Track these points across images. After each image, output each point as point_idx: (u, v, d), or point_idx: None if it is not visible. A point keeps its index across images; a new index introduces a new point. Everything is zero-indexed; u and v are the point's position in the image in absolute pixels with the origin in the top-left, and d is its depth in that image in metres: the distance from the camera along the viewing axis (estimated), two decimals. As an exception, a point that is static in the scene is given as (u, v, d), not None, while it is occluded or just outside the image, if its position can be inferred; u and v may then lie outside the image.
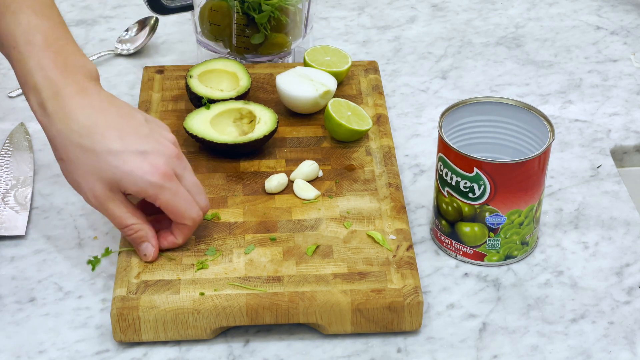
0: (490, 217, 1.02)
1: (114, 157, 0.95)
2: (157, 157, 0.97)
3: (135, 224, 0.99)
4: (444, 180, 1.03)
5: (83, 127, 0.96)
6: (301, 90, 1.18)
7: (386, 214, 1.07)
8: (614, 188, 1.17)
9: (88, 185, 0.97)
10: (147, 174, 0.96)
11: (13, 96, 1.30)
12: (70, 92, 0.97)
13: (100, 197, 0.97)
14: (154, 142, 0.98)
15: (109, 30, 1.44)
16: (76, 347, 0.97)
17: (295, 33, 1.32)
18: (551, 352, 0.97)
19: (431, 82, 1.34)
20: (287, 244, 1.03)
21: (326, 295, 0.97)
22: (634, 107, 1.30)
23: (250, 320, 0.97)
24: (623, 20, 1.48)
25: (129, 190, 0.97)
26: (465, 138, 1.08)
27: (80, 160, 0.96)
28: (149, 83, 1.26)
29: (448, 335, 0.99)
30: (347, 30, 1.45)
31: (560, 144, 1.23)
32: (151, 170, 0.96)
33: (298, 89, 1.18)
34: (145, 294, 0.97)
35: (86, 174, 0.96)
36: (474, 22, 1.47)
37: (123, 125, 0.97)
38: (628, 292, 1.03)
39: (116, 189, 0.97)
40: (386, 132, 1.18)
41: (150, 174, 0.96)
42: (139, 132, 0.98)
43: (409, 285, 0.98)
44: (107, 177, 0.96)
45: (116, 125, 0.97)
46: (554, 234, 1.10)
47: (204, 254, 1.02)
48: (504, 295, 1.03)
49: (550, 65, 1.38)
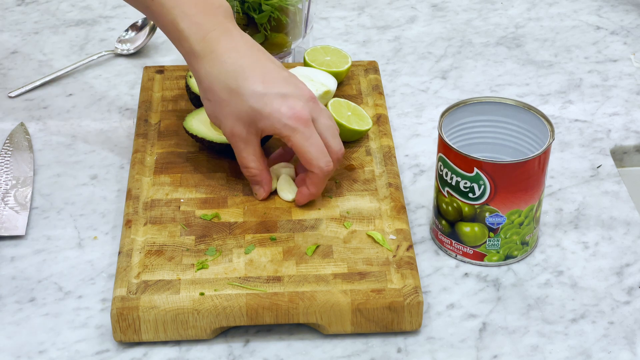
0: (490, 217, 1.02)
1: (256, 100, 1.02)
2: (296, 100, 1.03)
3: (256, 168, 1.06)
4: (444, 180, 1.03)
5: (230, 70, 1.03)
6: None
7: (386, 214, 1.07)
8: (614, 188, 1.17)
9: (229, 124, 1.04)
10: (284, 117, 1.02)
11: (13, 96, 1.30)
12: (216, 36, 1.04)
13: (237, 135, 1.05)
14: (292, 86, 1.04)
15: (109, 30, 1.44)
16: (76, 347, 0.97)
17: (295, 33, 1.32)
18: (551, 352, 0.97)
19: (431, 82, 1.34)
20: (287, 244, 1.03)
21: (326, 295, 0.97)
22: (634, 107, 1.30)
23: (250, 320, 0.97)
24: (623, 20, 1.48)
25: (266, 131, 1.04)
26: (465, 138, 1.08)
27: (225, 101, 1.03)
28: (149, 83, 1.26)
29: (448, 335, 0.99)
30: (347, 30, 1.45)
31: (560, 144, 1.23)
32: (288, 112, 1.02)
33: None
34: (145, 294, 0.97)
35: (229, 114, 1.04)
36: (474, 22, 1.47)
37: (265, 69, 1.04)
38: (628, 292, 1.03)
39: (253, 131, 1.04)
40: (386, 132, 1.18)
41: (287, 116, 1.02)
42: (280, 75, 1.04)
43: (409, 285, 0.98)
44: (248, 119, 1.03)
45: (260, 68, 1.03)
46: (554, 234, 1.10)
47: (204, 254, 1.02)
48: (504, 295, 1.03)
49: (550, 65, 1.38)
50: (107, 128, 1.25)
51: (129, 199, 1.08)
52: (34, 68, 1.36)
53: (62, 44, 1.41)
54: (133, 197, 1.08)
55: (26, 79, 1.33)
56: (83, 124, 1.25)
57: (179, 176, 1.12)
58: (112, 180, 1.16)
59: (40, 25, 1.45)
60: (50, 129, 1.24)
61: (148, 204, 1.08)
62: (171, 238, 1.04)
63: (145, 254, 1.01)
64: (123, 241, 1.03)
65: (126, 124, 1.25)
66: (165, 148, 1.16)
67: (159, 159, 1.14)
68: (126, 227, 1.04)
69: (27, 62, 1.37)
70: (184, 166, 1.13)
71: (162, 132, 1.18)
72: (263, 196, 1.07)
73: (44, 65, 1.36)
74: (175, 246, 1.03)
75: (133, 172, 1.11)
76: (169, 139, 1.17)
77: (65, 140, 1.22)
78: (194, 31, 1.04)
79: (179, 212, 1.07)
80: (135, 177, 1.11)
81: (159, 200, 1.08)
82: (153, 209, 1.07)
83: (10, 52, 1.39)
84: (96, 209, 1.12)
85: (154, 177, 1.11)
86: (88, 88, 1.32)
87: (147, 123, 1.19)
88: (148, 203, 1.08)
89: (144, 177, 1.11)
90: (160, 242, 1.03)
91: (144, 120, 1.20)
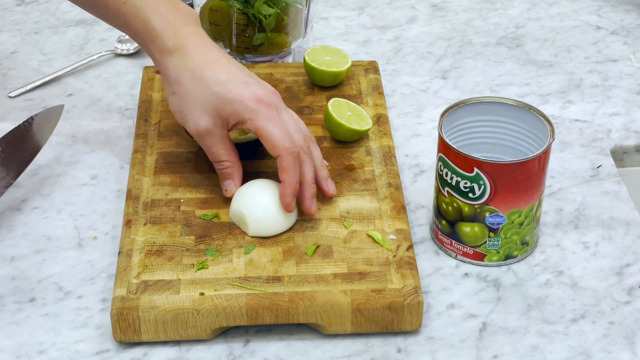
0: (490, 217, 1.02)
1: (220, 86, 1.04)
2: (259, 88, 1.05)
3: (227, 161, 1.07)
4: (444, 180, 1.03)
5: (197, 63, 1.05)
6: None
7: (386, 214, 1.07)
8: (614, 188, 1.17)
9: (194, 118, 1.05)
10: (246, 100, 1.04)
11: (13, 96, 1.30)
12: (187, 32, 1.07)
13: (203, 129, 1.05)
14: (257, 79, 1.07)
15: (109, 30, 1.44)
16: (76, 347, 0.97)
17: (295, 33, 1.32)
18: (551, 352, 0.97)
19: (431, 82, 1.34)
20: (287, 244, 1.03)
21: (326, 295, 0.97)
22: (634, 107, 1.30)
23: (250, 320, 0.97)
24: (623, 20, 1.48)
25: (230, 120, 1.05)
26: (465, 138, 1.08)
27: (190, 92, 1.05)
28: (149, 83, 1.26)
29: (448, 335, 0.99)
30: (347, 30, 1.45)
31: (560, 144, 1.23)
32: (250, 96, 1.04)
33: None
34: (145, 294, 0.97)
35: (194, 106, 1.05)
36: (474, 22, 1.47)
37: (230, 64, 1.07)
38: (628, 292, 1.03)
39: (219, 123, 1.05)
40: (386, 132, 1.18)
41: (249, 99, 1.04)
42: (244, 71, 1.07)
43: (409, 285, 0.98)
44: (212, 107, 1.04)
45: (226, 63, 1.07)
46: (554, 234, 1.10)
47: (204, 254, 1.02)
48: (504, 295, 1.03)
49: (551, 65, 1.38)
50: (107, 128, 1.25)
51: (129, 199, 1.08)
52: (34, 68, 1.36)
53: (62, 44, 1.41)
54: (133, 197, 1.08)
55: (26, 79, 1.33)
56: (83, 124, 1.25)
57: (179, 176, 1.12)
58: (112, 180, 1.16)
59: (40, 25, 1.45)
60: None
61: (148, 204, 1.08)
62: (171, 238, 1.04)
63: (145, 254, 1.01)
64: (123, 241, 1.03)
65: (126, 124, 1.25)
66: (165, 148, 1.16)
67: (159, 159, 1.14)
68: (126, 227, 1.04)
69: (27, 62, 1.37)
70: (184, 166, 1.13)
71: (162, 132, 1.18)
72: (234, 191, 1.07)
73: (44, 65, 1.36)
74: (175, 246, 1.03)
75: (133, 172, 1.11)
76: (169, 139, 1.17)
77: (65, 140, 1.22)
78: (165, 28, 1.06)
79: (179, 212, 1.07)
80: (135, 177, 1.11)
81: (159, 200, 1.08)
82: (153, 209, 1.07)
83: (10, 52, 1.39)
84: (96, 209, 1.12)
85: (154, 177, 1.11)
86: (88, 88, 1.32)
87: (147, 123, 1.19)
88: (148, 203, 1.08)
89: (144, 177, 1.11)
90: (160, 242, 1.03)
91: (144, 120, 1.20)
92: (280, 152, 1.03)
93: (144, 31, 1.07)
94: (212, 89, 1.04)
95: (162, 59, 1.07)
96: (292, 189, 1.03)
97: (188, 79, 1.05)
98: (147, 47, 1.08)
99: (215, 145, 1.06)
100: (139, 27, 1.07)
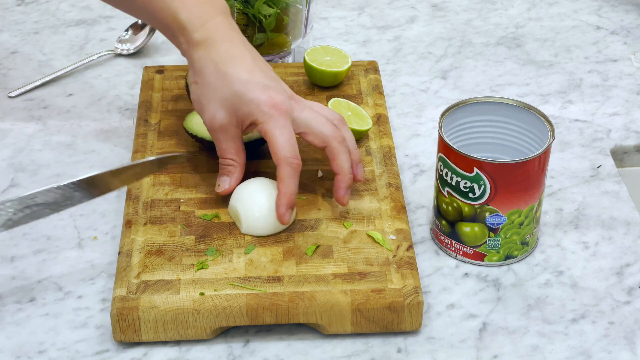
0: (490, 217, 1.02)
1: (241, 85, 1.04)
2: (277, 93, 1.05)
3: (233, 160, 1.07)
4: (444, 180, 1.03)
5: (222, 57, 1.05)
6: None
7: (386, 214, 1.07)
8: (614, 188, 1.17)
9: (211, 110, 1.05)
10: (262, 104, 1.03)
11: (13, 96, 1.30)
12: (215, 25, 1.07)
13: (217, 124, 1.05)
14: (277, 82, 1.06)
15: (109, 30, 1.44)
16: (76, 347, 0.97)
17: (295, 33, 1.32)
18: (551, 352, 0.97)
19: (431, 82, 1.34)
20: (287, 243, 1.03)
21: (326, 295, 0.97)
22: (634, 107, 1.30)
23: (250, 320, 0.97)
24: (623, 20, 1.48)
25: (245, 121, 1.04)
26: (465, 138, 1.08)
27: (212, 85, 1.05)
28: (149, 83, 1.26)
29: (448, 335, 0.99)
30: (347, 30, 1.45)
31: (560, 144, 1.23)
32: (267, 100, 1.03)
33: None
34: (145, 294, 0.97)
35: (213, 99, 1.05)
36: (474, 22, 1.47)
37: (255, 63, 1.06)
38: (628, 292, 1.03)
39: (234, 121, 1.05)
40: (386, 132, 1.18)
41: (265, 103, 1.03)
42: (267, 72, 1.06)
43: (409, 285, 0.98)
44: (230, 104, 1.04)
45: (250, 61, 1.06)
46: (554, 234, 1.10)
47: (204, 254, 1.02)
48: (504, 295, 1.03)
49: (551, 65, 1.38)
50: (107, 128, 1.25)
51: (129, 199, 1.08)
52: (34, 68, 1.36)
53: (62, 44, 1.41)
54: (133, 197, 1.08)
55: (26, 79, 1.33)
56: (83, 124, 1.25)
57: (179, 176, 1.12)
58: (112, 180, 1.16)
59: (40, 25, 1.45)
60: (50, 129, 1.24)
61: (148, 204, 1.08)
62: (171, 238, 1.04)
63: (145, 254, 1.01)
64: (123, 241, 1.03)
65: (126, 124, 1.25)
66: (165, 148, 1.16)
67: (159, 159, 1.14)
68: (126, 227, 1.04)
69: (27, 62, 1.37)
70: (184, 166, 1.13)
71: (162, 132, 1.18)
72: (227, 191, 1.07)
73: (44, 65, 1.36)
74: (175, 246, 1.02)
75: (133, 172, 1.11)
76: (169, 139, 1.17)
77: (65, 140, 1.22)
78: (193, 20, 1.06)
79: (179, 212, 1.07)
80: (135, 177, 1.11)
81: (159, 200, 1.08)
82: (153, 209, 1.07)
83: (10, 52, 1.39)
84: (96, 209, 1.12)
85: (154, 177, 1.11)
86: (88, 88, 1.32)
87: (147, 123, 1.19)
88: (148, 203, 1.08)
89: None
90: (160, 242, 1.03)
91: (144, 120, 1.20)
92: (280, 160, 1.03)
93: (172, 24, 1.07)
94: (233, 87, 1.04)
95: (189, 49, 1.07)
96: (287, 200, 1.03)
97: (211, 73, 1.05)
98: (175, 38, 1.08)
99: (225, 142, 1.06)
100: (167, 20, 1.07)
